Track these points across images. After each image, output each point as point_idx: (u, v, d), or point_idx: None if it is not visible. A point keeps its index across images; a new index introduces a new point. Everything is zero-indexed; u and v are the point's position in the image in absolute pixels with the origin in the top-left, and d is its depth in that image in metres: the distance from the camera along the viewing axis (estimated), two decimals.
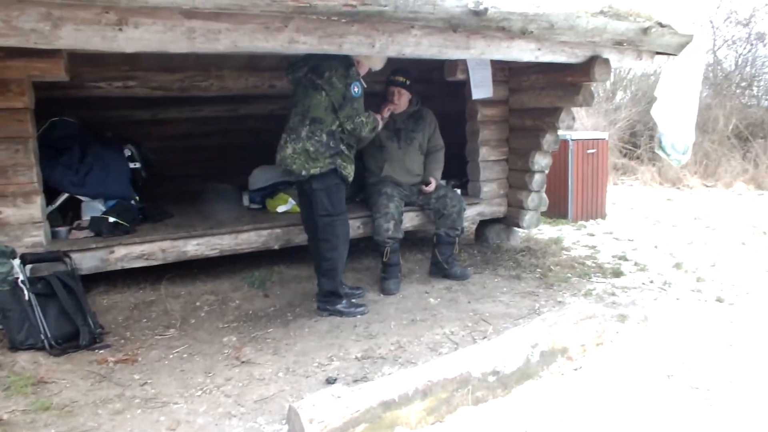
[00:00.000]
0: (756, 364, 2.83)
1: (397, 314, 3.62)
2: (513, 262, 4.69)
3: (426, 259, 4.58)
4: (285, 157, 3.45)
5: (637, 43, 3.80)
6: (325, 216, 3.49)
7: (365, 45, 3.01)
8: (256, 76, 4.47)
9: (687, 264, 4.70)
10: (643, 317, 3.47)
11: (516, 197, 4.95)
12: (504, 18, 3.08)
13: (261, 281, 4.14)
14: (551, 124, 4.48)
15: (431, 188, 4.29)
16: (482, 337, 3.18)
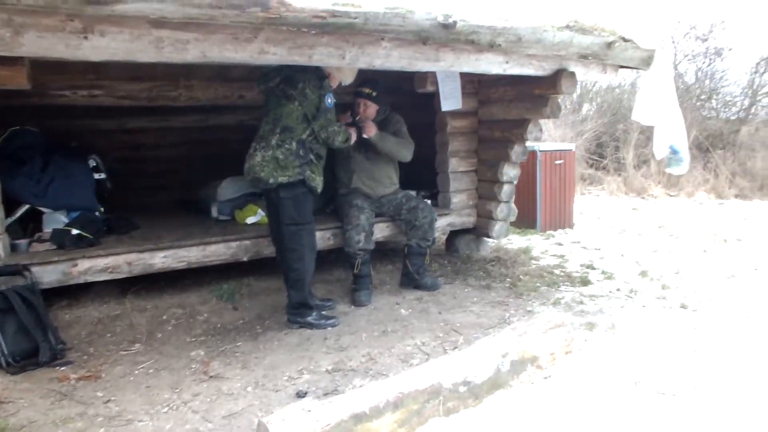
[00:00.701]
0: (719, 368, 2.90)
1: (368, 326, 3.60)
2: (483, 272, 4.72)
3: (397, 270, 4.58)
4: (254, 165, 3.43)
5: (601, 57, 3.88)
6: (291, 225, 3.47)
7: (335, 56, 3.01)
8: (226, 87, 4.43)
9: (652, 272, 4.80)
10: (610, 325, 3.52)
11: (485, 208, 4.99)
12: (473, 31, 3.12)
13: (230, 294, 4.08)
14: (519, 135, 4.55)
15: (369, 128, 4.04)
16: (453, 348, 3.18)
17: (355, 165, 4.24)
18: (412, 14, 2.86)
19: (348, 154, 4.17)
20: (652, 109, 3.93)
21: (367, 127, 4.02)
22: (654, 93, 3.93)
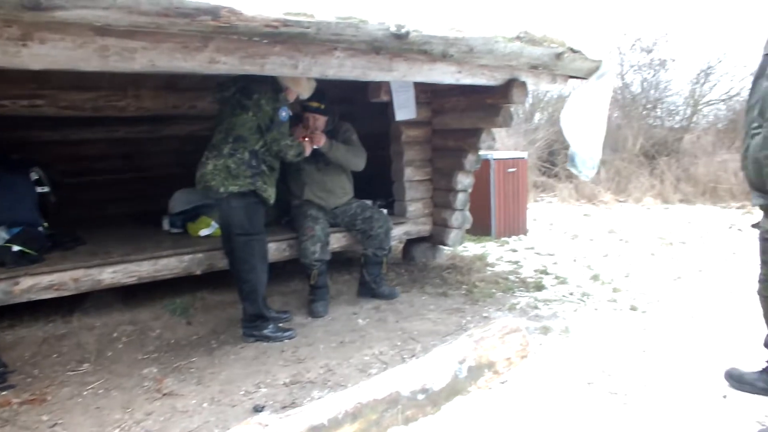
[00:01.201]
0: (667, 367, 2.99)
1: (325, 337, 3.57)
2: (439, 280, 4.75)
3: (354, 280, 4.56)
4: (205, 173, 3.37)
5: (551, 68, 3.98)
6: (242, 235, 3.42)
7: (288, 66, 2.99)
8: (176, 96, 4.35)
9: (603, 275, 4.92)
10: (564, 328, 3.59)
11: (441, 216, 5.03)
12: (425, 41, 3.16)
13: (183, 308, 3.98)
14: (473, 144, 4.62)
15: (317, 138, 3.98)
16: (411, 356, 3.18)
17: (306, 177, 4.21)
18: (365, 24, 2.87)
19: (299, 166, 4.12)
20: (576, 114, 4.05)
21: (317, 138, 3.99)
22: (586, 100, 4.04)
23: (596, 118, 4.10)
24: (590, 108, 4.09)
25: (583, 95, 4.14)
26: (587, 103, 4.10)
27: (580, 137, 4.10)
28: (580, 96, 4.14)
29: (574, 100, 4.15)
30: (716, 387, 2.76)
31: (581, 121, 4.10)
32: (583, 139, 4.10)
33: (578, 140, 4.10)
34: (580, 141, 4.10)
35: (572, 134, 4.12)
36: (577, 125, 4.11)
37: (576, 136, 4.11)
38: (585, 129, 4.10)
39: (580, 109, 4.10)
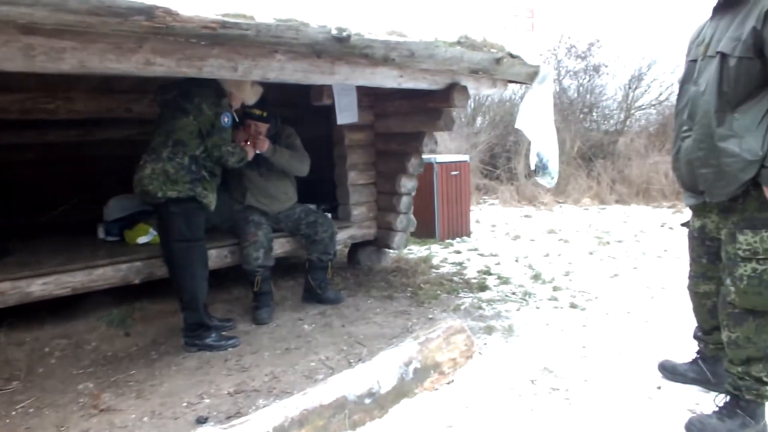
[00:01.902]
0: (606, 362, 3.09)
1: (270, 344, 3.52)
2: (385, 283, 4.76)
3: (299, 286, 4.51)
4: (142, 177, 3.26)
5: (491, 72, 4.05)
6: (181, 242, 3.33)
7: (227, 69, 2.93)
8: (111, 99, 4.19)
9: (544, 275, 5.05)
10: (507, 327, 3.66)
11: (385, 219, 5.05)
12: (367, 45, 3.16)
13: (121, 319, 3.84)
14: (416, 148, 4.65)
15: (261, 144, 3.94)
16: (357, 360, 3.17)
17: (247, 182, 4.14)
18: (305, 27, 2.85)
19: (240, 172, 4.05)
20: (531, 120, 4.15)
21: (260, 143, 3.94)
22: (534, 105, 4.15)
23: (546, 123, 4.21)
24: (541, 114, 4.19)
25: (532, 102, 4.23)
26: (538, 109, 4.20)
27: (544, 144, 4.19)
28: (531, 103, 4.23)
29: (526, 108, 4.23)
30: (651, 379, 2.88)
31: (539, 128, 4.18)
32: (546, 146, 4.19)
33: (543, 147, 4.19)
34: (544, 148, 4.19)
35: (537, 142, 4.20)
36: (536, 133, 4.19)
37: (540, 144, 4.19)
38: (543, 135, 4.20)
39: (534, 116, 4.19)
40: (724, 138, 2.25)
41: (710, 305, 2.66)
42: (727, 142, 2.24)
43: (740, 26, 2.21)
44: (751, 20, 2.17)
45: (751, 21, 2.16)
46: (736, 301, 2.33)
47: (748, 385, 2.37)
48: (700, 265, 2.69)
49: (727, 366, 2.47)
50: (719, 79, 2.27)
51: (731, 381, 2.44)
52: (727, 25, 2.30)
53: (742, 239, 2.30)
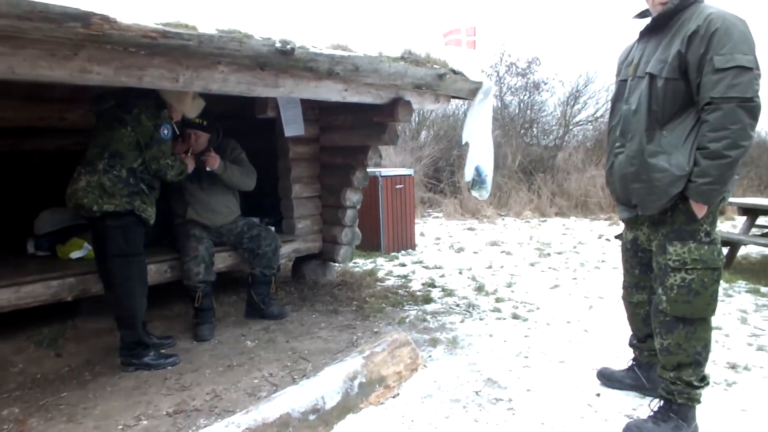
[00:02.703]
0: (547, 371, 3.16)
1: (212, 361, 3.43)
2: (330, 297, 4.73)
3: (242, 301, 4.42)
4: (76, 190, 3.14)
5: (434, 88, 4.12)
6: (119, 257, 3.21)
7: (168, 79, 2.87)
8: (44, 107, 4.01)
9: (488, 286, 5.14)
10: (452, 339, 3.69)
11: (330, 233, 5.02)
12: (311, 59, 3.16)
13: (51, 339, 3.66)
14: (361, 161, 4.66)
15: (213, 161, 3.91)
16: (302, 376, 3.12)
17: (188, 196, 4.03)
18: (249, 39, 2.83)
19: (181, 185, 3.95)
20: (473, 134, 4.25)
21: (210, 160, 3.87)
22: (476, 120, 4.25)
23: (484, 137, 4.30)
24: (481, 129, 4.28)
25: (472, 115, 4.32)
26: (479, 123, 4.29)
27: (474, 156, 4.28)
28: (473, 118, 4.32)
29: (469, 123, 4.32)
30: (591, 386, 2.96)
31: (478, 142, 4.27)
32: (477, 158, 4.27)
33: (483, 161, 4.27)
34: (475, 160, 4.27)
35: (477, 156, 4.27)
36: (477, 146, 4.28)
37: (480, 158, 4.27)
38: (477, 148, 4.28)
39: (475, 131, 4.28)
40: (654, 154, 2.37)
41: (643, 314, 2.77)
42: (657, 158, 2.36)
43: (666, 49, 2.34)
44: (676, 44, 2.30)
45: (676, 45, 2.29)
46: (668, 310, 2.44)
47: (679, 389, 2.47)
48: (633, 275, 2.80)
49: (660, 372, 2.57)
50: (648, 98, 2.39)
51: (664, 386, 2.54)
52: (654, 47, 2.42)
53: (671, 250, 2.41)
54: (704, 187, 2.25)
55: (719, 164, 2.21)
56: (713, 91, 2.18)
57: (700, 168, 2.25)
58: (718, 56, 2.18)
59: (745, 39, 2.20)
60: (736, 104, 2.15)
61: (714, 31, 2.20)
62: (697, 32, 2.23)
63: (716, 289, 2.40)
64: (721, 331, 3.78)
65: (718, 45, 2.19)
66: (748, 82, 2.15)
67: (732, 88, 2.15)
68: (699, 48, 2.23)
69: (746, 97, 2.14)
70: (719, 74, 2.17)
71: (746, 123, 2.17)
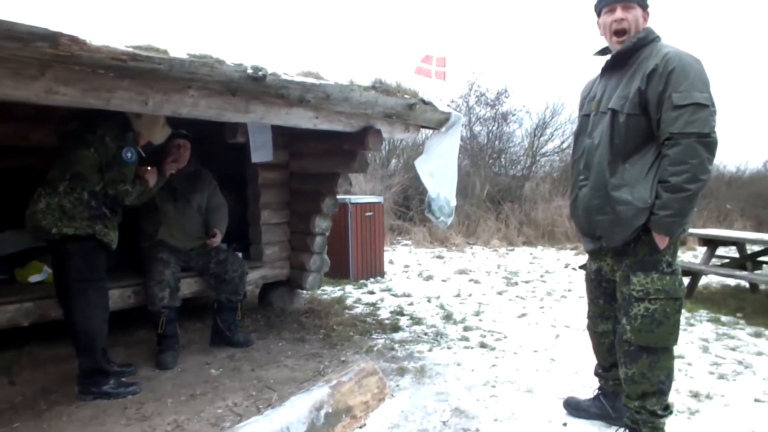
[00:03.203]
0: (515, 400, 3.16)
1: (174, 390, 3.33)
2: (297, 325, 4.67)
3: (207, 328, 4.33)
4: (35, 211, 3.04)
5: (404, 117, 4.17)
6: (79, 281, 3.12)
7: (137, 102, 2.84)
8: (6, 126, 3.91)
9: (456, 315, 5.14)
10: (419, 368, 3.67)
11: (298, 259, 4.99)
12: (282, 86, 3.17)
13: (6, 366, 3.51)
14: (330, 188, 4.67)
15: (217, 240, 4.14)
16: (267, 406, 3.06)
17: (163, 216, 3.99)
18: (220, 65, 2.83)
19: (156, 205, 3.92)
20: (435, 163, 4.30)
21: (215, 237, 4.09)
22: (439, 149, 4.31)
23: (449, 167, 4.36)
24: (443, 156, 4.34)
25: (435, 144, 4.39)
26: (439, 151, 4.35)
27: (436, 184, 4.33)
28: (433, 145, 4.39)
29: (428, 150, 4.39)
30: (558, 416, 2.97)
31: (436, 169, 4.33)
32: (440, 186, 4.33)
33: (435, 187, 4.33)
34: (437, 188, 4.32)
35: (429, 182, 4.34)
36: (432, 173, 4.34)
37: (433, 184, 4.33)
38: (440, 177, 4.34)
39: (434, 158, 4.34)
40: (617, 187, 2.44)
41: (608, 343, 2.80)
42: (620, 191, 2.43)
43: (627, 86, 2.43)
44: (636, 81, 2.39)
45: (637, 82, 2.39)
46: (632, 339, 2.48)
47: (644, 418, 2.50)
48: (597, 305, 2.84)
49: (625, 401, 2.60)
50: (611, 133, 2.47)
51: (629, 415, 2.56)
52: (616, 83, 2.51)
53: (635, 281, 2.46)
54: (666, 220, 2.32)
55: (680, 197, 2.28)
56: (673, 127, 2.26)
57: (661, 201, 2.32)
58: (676, 93, 2.27)
59: (700, 77, 2.30)
60: (695, 140, 2.23)
61: (672, 70, 2.29)
62: (656, 70, 2.33)
63: (678, 319, 2.46)
64: (683, 360, 3.85)
65: (676, 83, 2.28)
66: (705, 119, 2.24)
67: (690, 124, 2.23)
68: (658, 85, 2.32)
69: (704, 132, 2.23)
70: (678, 111, 2.26)
71: (704, 158, 2.25)
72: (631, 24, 2.49)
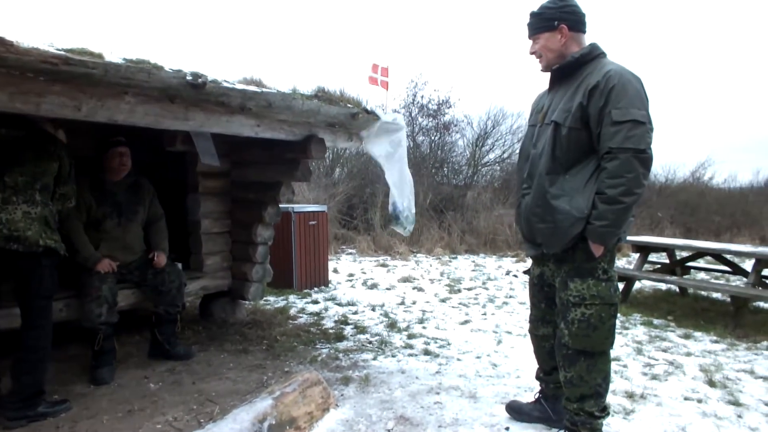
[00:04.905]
0: (459, 406, 3.19)
1: (110, 406, 3.20)
2: (239, 336, 4.58)
3: (145, 341, 4.19)
4: (14, 220, 2.86)
5: (347, 126, 4.17)
6: (44, 298, 3.01)
7: (69, 108, 2.73)
8: None
9: (400, 323, 5.17)
10: (364, 377, 3.66)
11: (240, 269, 4.90)
12: (223, 93, 3.13)
13: None
14: (273, 197, 4.62)
15: (162, 261, 3.99)
16: (208, 419, 2.98)
17: (104, 234, 3.82)
18: (158, 71, 2.76)
19: (97, 220, 3.78)
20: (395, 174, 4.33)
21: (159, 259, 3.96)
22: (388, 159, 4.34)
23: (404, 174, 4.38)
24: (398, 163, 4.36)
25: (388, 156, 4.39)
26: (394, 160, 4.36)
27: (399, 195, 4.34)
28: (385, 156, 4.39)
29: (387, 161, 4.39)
30: (501, 420, 3.02)
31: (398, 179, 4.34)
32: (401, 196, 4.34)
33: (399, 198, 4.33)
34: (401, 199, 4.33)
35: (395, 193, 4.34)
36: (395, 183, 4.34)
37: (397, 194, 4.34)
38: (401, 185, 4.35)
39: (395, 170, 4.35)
40: (557, 197, 2.52)
41: (549, 347, 2.88)
42: (559, 201, 2.51)
43: (570, 100, 2.52)
44: (579, 96, 2.48)
45: (579, 97, 2.48)
46: (570, 343, 2.55)
47: (582, 420, 2.58)
48: (539, 309, 2.92)
49: (564, 403, 2.67)
50: (553, 144, 2.55)
51: (569, 417, 2.64)
52: (561, 96, 2.60)
53: (572, 286, 2.54)
54: (601, 230, 2.41)
55: (615, 209, 2.37)
56: (611, 142, 2.36)
57: (598, 211, 2.41)
58: (615, 110, 2.37)
59: (639, 96, 2.41)
60: (632, 155, 2.33)
61: (612, 87, 2.39)
62: (597, 87, 2.42)
63: (614, 323, 2.55)
64: (619, 362, 4.00)
65: (615, 99, 2.38)
66: (641, 135, 2.35)
67: (628, 139, 2.33)
68: (599, 101, 2.41)
69: (640, 148, 2.34)
70: (616, 126, 2.35)
71: (640, 172, 2.36)
72: (541, 51, 2.66)
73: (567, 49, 2.61)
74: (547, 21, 2.61)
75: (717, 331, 4.96)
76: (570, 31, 2.59)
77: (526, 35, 2.73)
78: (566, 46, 2.60)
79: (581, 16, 2.63)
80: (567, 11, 2.59)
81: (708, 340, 4.75)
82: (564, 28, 2.58)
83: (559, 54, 2.62)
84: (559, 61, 2.63)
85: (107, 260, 3.69)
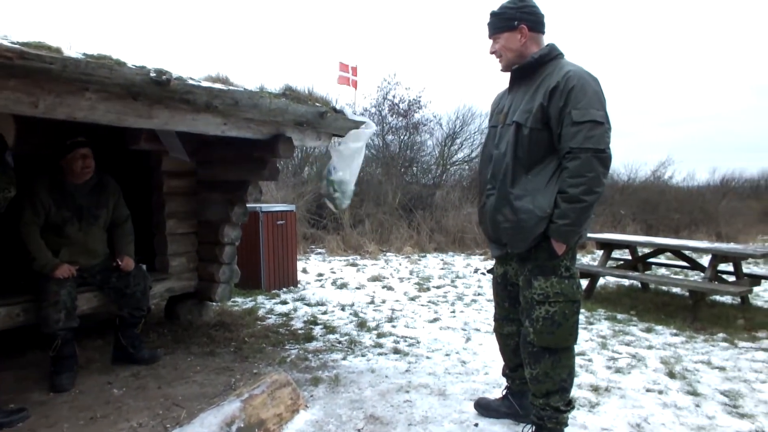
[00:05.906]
0: (429, 404, 3.20)
1: (71, 414, 3.11)
2: (207, 338, 4.51)
3: (108, 345, 4.09)
4: None
5: (315, 125, 4.14)
6: None
7: (26, 104, 2.64)
8: None
9: (369, 322, 5.16)
10: (334, 377, 3.65)
11: (207, 270, 4.82)
12: (188, 91, 3.07)
13: None
14: (240, 196, 4.55)
15: (130, 266, 3.88)
16: (175, 424, 2.92)
17: (64, 239, 3.70)
18: (120, 67, 2.70)
19: (57, 225, 3.65)
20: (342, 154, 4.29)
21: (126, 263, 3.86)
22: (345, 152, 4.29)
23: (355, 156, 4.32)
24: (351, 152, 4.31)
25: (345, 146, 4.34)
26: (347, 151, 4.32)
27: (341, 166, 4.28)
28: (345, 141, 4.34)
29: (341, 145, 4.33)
30: (470, 417, 3.04)
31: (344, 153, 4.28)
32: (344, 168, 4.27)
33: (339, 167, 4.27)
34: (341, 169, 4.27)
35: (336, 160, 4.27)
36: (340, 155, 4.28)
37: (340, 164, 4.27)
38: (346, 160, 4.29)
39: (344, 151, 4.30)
40: (520, 197, 2.55)
41: (513, 345, 2.91)
42: (522, 201, 2.54)
43: (531, 100, 2.55)
44: (539, 97, 2.51)
45: (539, 98, 2.51)
46: (534, 341, 2.58)
47: (549, 414, 2.61)
48: (503, 308, 2.95)
49: (531, 399, 2.70)
50: (515, 145, 2.58)
51: (535, 412, 2.67)
52: (521, 97, 2.63)
53: (536, 285, 2.57)
54: (564, 228, 2.44)
55: (576, 207, 2.41)
56: (572, 142, 2.39)
57: (560, 210, 2.45)
58: (575, 110, 2.40)
59: (597, 96, 2.45)
60: (591, 154, 2.37)
61: (572, 88, 2.43)
62: (557, 87, 2.45)
63: (577, 320, 2.59)
64: (584, 357, 4.06)
65: (575, 100, 2.42)
66: (601, 135, 2.39)
67: (588, 139, 2.37)
68: (559, 102, 2.45)
69: (599, 148, 2.38)
70: (576, 127, 2.39)
71: (599, 171, 2.40)
72: (501, 50, 2.69)
73: (527, 49, 2.64)
74: (507, 21, 2.63)
75: (677, 325, 5.09)
76: (530, 31, 2.62)
77: (486, 35, 2.75)
78: (526, 46, 2.63)
79: (541, 17, 2.67)
80: (527, 12, 2.62)
81: (668, 333, 4.87)
82: (524, 28, 2.61)
83: (519, 54, 2.65)
84: (518, 61, 2.66)
85: (66, 266, 3.57)
